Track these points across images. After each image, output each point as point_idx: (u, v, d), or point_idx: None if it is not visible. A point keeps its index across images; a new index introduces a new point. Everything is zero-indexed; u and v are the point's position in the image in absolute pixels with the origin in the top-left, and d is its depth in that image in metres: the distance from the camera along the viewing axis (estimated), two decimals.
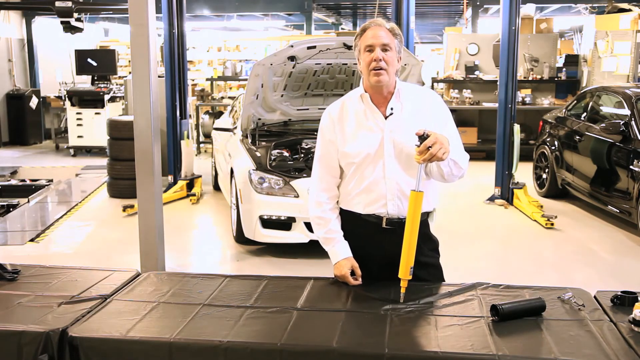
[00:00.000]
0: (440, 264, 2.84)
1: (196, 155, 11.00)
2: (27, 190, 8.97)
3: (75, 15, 10.91)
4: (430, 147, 2.36)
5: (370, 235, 2.68)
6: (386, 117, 2.64)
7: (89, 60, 12.19)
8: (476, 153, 10.78)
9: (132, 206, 7.06)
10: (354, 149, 2.64)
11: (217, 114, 11.49)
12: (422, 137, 2.38)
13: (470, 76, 11.65)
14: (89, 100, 11.76)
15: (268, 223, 5.70)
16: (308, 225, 5.64)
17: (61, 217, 7.35)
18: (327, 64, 6.35)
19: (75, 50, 12.30)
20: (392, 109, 2.64)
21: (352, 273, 2.67)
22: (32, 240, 6.45)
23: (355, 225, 2.72)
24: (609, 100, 7.45)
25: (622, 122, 6.56)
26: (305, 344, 2.15)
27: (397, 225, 2.62)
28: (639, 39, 10.55)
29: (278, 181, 5.69)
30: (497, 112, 7.83)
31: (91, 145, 11.81)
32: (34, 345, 2.19)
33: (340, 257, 2.69)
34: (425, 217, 2.71)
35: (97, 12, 14.60)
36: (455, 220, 7.02)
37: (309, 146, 6.47)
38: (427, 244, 2.76)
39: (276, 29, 21.25)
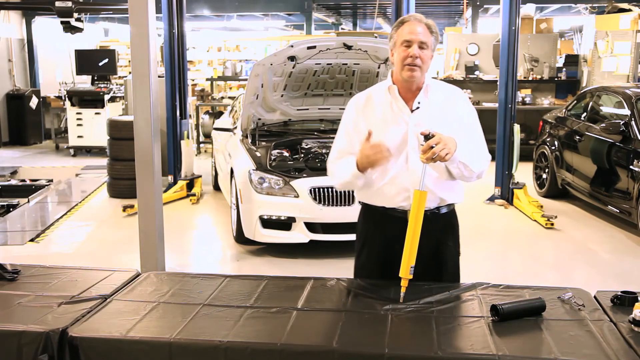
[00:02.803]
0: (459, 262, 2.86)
1: (196, 155, 11.00)
2: (27, 190, 8.97)
3: (75, 15, 10.90)
4: (433, 146, 2.38)
5: (396, 232, 2.61)
6: (412, 111, 2.64)
7: (97, 60, 12.21)
8: None
9: (132, 206, 7.06)
10: (377, 139, 2.58)
11: (217, 114, 11.48)
12: (427, 137, 2.41)
13: (470, 76, 11.65)
14: (89, 100, 11.76)
15: (268, 223, 5.70)
16: (308, 225, 5.64)
17: (61, 217, 7.34)
18: (327, 64, 6.36)
19: (75, 50, 12.30)
20: (419, 103, 2.64)
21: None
22: (32, 240, 6.45)
23: (381, 223, 2.70)
24: (609, 100, 7.45)
25: (622, 122, 6.56)
26: (305, 344, 2.15)
27: (424, 218, 2.61)
28: (639, 39, 10.55)
29: (278, 181, 5.69)
30: (497, 112, 7.83)
31: (91, 145, 11.80)
32: (34, 345, 2.19)
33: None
34: (452, 208, 2.78)
35: (97, 12, 14.61)
36: None
37: (309, 146, 6.47)
38: (455, 239, 2.82)
39: (276, 29, 21.26)
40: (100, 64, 12.12)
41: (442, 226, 2.76)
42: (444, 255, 2.77)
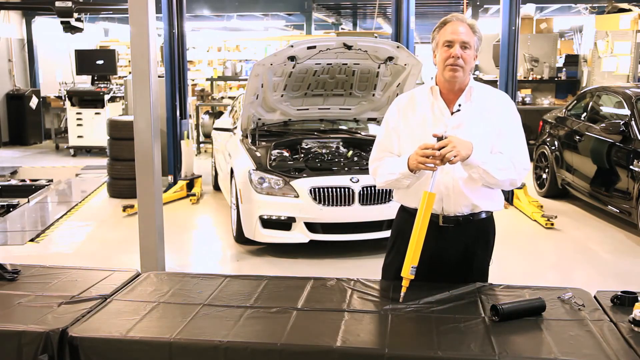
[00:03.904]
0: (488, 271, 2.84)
1: (196, 155, 11.00)
2: (27, 190, 8.97)
3: (75, 15, 10.91)
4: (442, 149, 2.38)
5: (429, 237, 2.51)
6: (452, 113, 2.63)
7: (97, 60, 12.21)
8: None
9: (132, 206, 7.06)
10: (416, 140, 2.56)
11: (217, 114, 11.48)
12: (439, 139, 2.41)
13: (470, 76, 11.63)
14: (89, 100, 11.76)
15: (268, 223, 5.70)
16: (308, 225, 5.64)
17: (61, 217, 7.34)
18: (327, 64, 6.35)
19: (75, 50, 12.31)
20: (459, 105, 2.63)
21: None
22: (32, 240, 6.45)
23: (412, 224, 2.54)
24: (609, 100, 7.45)
25: (622, 122, 6.56)
26: (305, 344, 2.15)
27: (455, 222, 2.63)
28: (639, 39, 10.55)
29: (278, 181, 5.69)
30: None
31: (91, 145, 11.80)
32: (34, 345, 2.19)
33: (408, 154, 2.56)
34: (489, 216, 2.76)
35: (97, 12, 14.60)
36: None
37: (309, 146, 6.47)
38: (487, 248, 2.79)
39: (276, 29, 21.25)
40: (97, 62, 12.12)
41: (474, 233, 2.72)
42: (470, 263, 2.73)
